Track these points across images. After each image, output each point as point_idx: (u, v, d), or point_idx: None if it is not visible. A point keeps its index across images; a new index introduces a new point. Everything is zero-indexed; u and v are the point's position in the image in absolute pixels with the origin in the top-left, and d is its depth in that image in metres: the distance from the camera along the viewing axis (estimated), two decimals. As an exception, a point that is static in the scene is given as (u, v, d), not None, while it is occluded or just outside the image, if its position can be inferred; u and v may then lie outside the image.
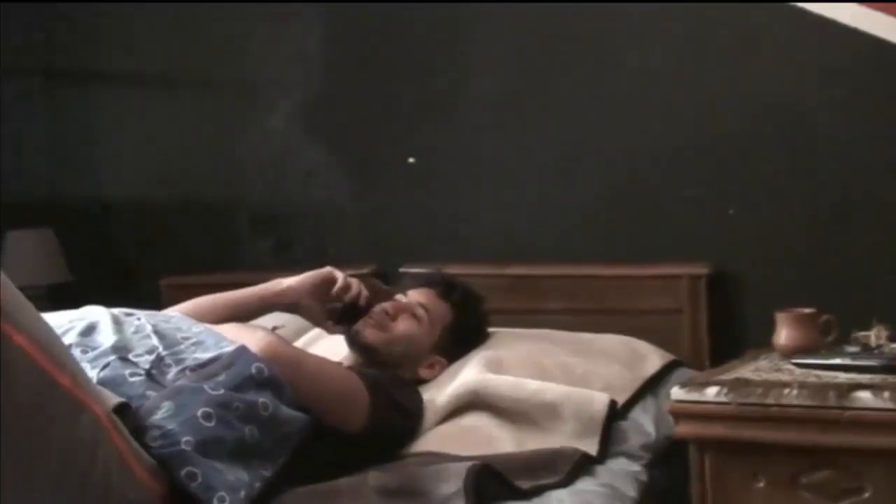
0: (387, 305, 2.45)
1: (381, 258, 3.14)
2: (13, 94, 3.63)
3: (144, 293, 3.14)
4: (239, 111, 3.39)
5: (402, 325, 2.43)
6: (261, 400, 1.90)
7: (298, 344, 2.65)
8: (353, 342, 2.43)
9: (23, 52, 3.66)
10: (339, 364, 2.31)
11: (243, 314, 2.37)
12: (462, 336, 2.51)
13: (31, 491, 1.59)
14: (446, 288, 2.54)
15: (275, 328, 2.35)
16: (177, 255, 3.45)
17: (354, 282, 2.45)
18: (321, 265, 3.06)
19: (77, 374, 1.66)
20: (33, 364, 1.56)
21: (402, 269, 2.98)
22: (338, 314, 2.44)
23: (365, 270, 3.08)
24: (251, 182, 3.38)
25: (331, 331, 2.48)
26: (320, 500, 1.91)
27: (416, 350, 2.44)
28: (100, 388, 1.80)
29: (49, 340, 1.64)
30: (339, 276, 2.44)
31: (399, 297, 2.50)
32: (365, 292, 2.45)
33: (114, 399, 1.78)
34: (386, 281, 3.04)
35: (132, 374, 1.90)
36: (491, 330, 2.64)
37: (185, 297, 2.54)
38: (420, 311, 2.45)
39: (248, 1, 3.32)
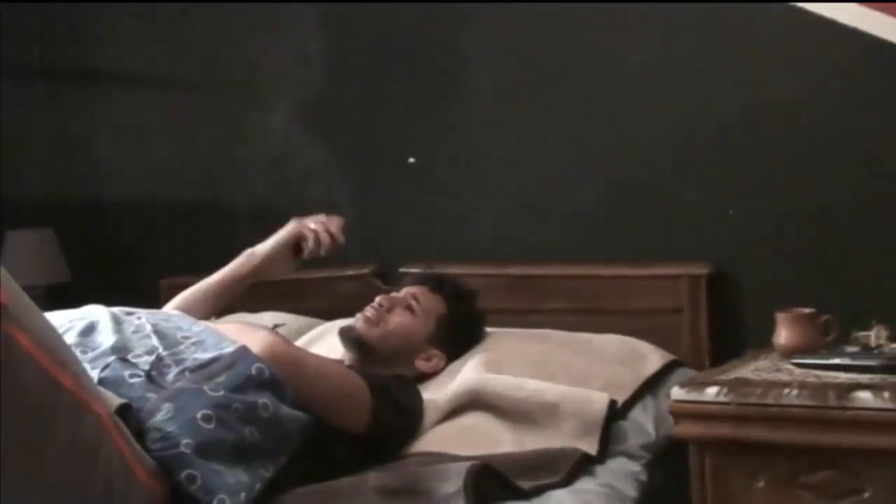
0: (380, 299, 2.48)
1: (381, 258, 3.14)
2: (13, 94, 3.63)
3: (144, 293, 3.14)
4: (239, 111, 3.39)
5: (396, 318, 2.45)
6: (261, 401, 1.90)
7: (299, 343, 2.65)
8: (347, 337, 2.44)
9: (23, 52, 3.66)
10: (340, 363, 2.31)
11: (230, 299, 2.40)
12: (457, 326, 2.53)
13: (34, 491, 1.59)
14: (437, 281, 2.57)
15: (276, 326, 2.35)
16: (177, 255, 3.44)
17: (322, 233, 2.43)
18: (321, 265, 3.07)
19: (80, 375, 1.66)
20: (37, 364, 1.56)
21: (402, 269, 2.98)
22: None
23: (365, 270, 3.08)
24: (251, 182, 3.38)
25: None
26: (320, 500, 1.91)
27: (412, 342, 2.46)
28: (101, 389, 1.80)
29: (52, 341, 1.64)
30: (308, 232, 2.43)
31: (392, 293, 2.53)
32: (339, 237, 2.43)
33: (116, 400, 1.78)
34: (386, 281, 3.04)
35: (132, 376, 1.90)
36: (491, 330, 2.65)
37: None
38: (413, 302, 2.48)
39: (248, 1, 3.31)
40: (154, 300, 3.07)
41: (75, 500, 1.63)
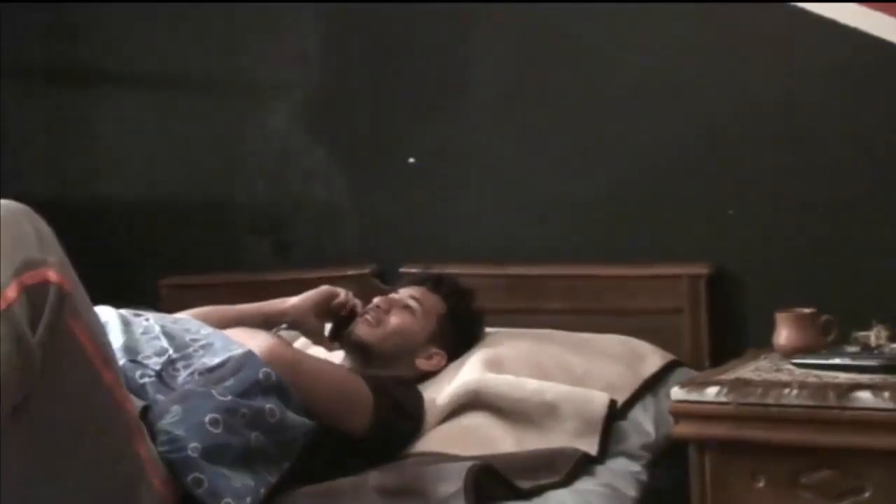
0: (378, 300, 2.47)
1: (381, 258, 3.14)
2: (13, 94, 3.63)
3: (144, 293, 3.14)
4: (239, 111, 3.38)
5: (395, 319, 2.45)
6: (268, 406, 1.90)
7: (299, 345, 2.65)
8: (346, 342, 2.44)
9: (23, 52, 3.66)
10: (341, 366, 2.31)
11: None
12: (457, 325, 2.53)
13: (59, 481, 1.59)
14: (435, 281, 2.58)
15: (276, 329, 2.35)
16: (177, 255, 3.44)
17: (353, 297, 2.48)
18: (321, 265, 3.08)
19: (119, 374, 1.68)
20: (85, 355, 1.58)
21: (402, 269, 2.98)
22: (333, 327, 2.45)
23: (365, 270, 3.08)
24: (251, 182, 3.38)
25: (329, 348, 2.49)
26: (320, 500, 1.91)
27: (412, 342, 2.46)
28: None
29: (100, 335, 1.66)
30: (341, 291, 2.46)
31: (391, 295, 2.53)
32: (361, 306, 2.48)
33: (139, 403, 1.79)
34: (386, 281, 3.04)
35: (142, 376, 1.90)
36: (491, 330, 2.65)
37: (185, 297, 2.55)
38: (412, 303, 2.48)
39: (248, 1, 3.31)
40: (154, 300, 3.08)
41: (96, 497, 1.63)
